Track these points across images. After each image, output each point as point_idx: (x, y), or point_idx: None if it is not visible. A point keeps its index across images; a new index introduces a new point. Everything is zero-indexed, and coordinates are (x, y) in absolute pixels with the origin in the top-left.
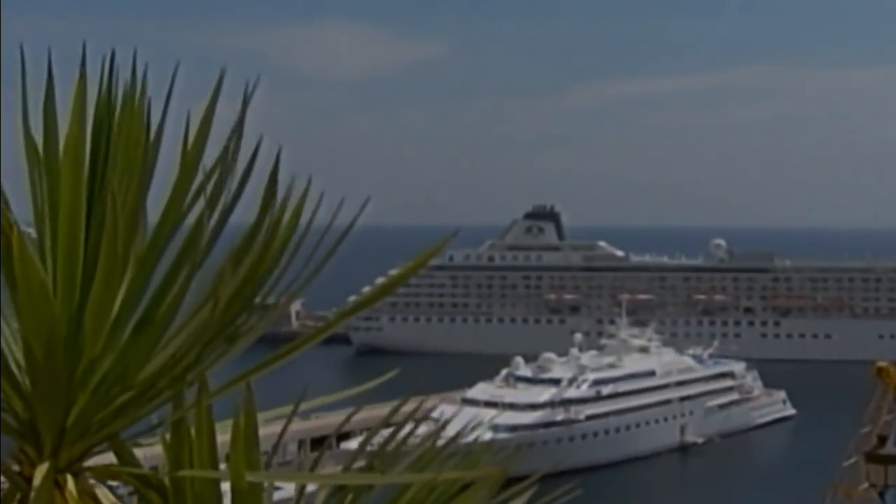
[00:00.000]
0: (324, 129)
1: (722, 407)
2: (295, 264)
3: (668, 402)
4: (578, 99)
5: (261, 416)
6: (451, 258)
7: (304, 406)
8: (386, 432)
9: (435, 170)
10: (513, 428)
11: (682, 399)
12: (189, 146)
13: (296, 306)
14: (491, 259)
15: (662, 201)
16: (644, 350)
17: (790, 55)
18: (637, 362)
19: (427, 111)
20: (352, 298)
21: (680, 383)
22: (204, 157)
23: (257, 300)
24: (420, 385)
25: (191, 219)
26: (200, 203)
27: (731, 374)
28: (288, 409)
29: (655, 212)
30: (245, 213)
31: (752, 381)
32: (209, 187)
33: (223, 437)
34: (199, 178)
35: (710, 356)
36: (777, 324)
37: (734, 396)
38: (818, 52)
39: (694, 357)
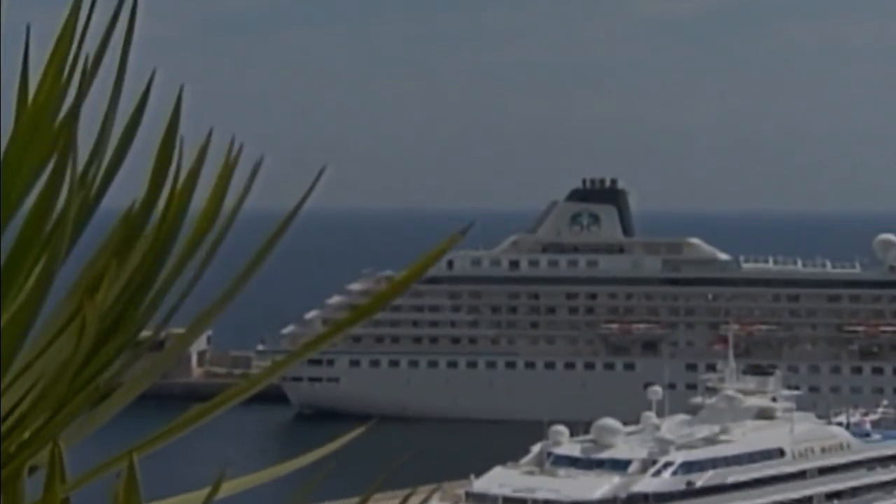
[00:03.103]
0: (246, 55)
1: None
2: (201, 274)
3: (807, 501)
4: (653, 4)
5: None
6: (450, 264)
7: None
8: None
9: (427, 123)
10: None
11: (831, 497)
12: (34, 86)
13: (198, 344)
14: (515, 265)
15: (791, 173)
16: (766, 415)
17: None
18: (754, 435)
19: (409, 27)
20: (288, 330)
21: (826, 470)
22: (62, 105)
23: (143, 333)
24: (401, 470)
25: (35, 203)
26: (57, 180)
27: None
28: None
29: (779, 191)
30: (123, 194)
31: None
32: (68, 152)
33: None
34: (52, 136)
35: (876, 426)
36: None
37: None
38: None
39: (849, 427)
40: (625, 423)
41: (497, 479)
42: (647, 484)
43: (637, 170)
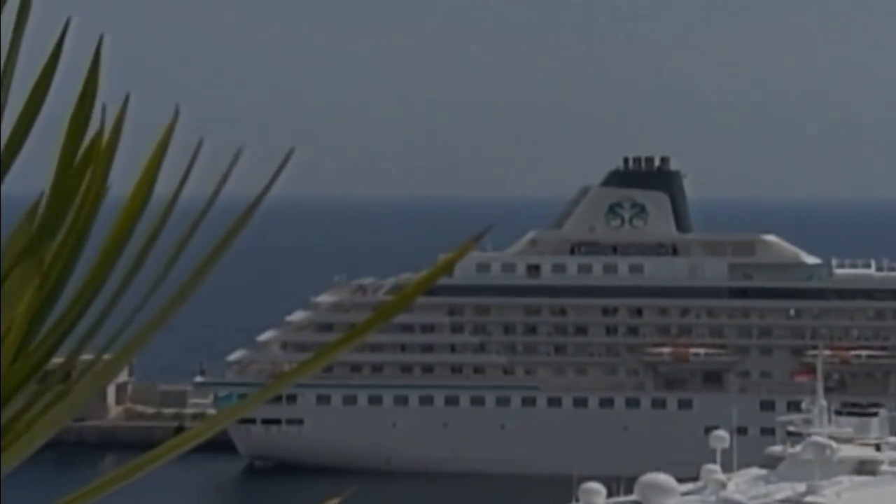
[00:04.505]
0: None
1: None
2: (123, 282)
3: None
4: None
5: None
6: (451, 270)
7: None
8: None
9: (421, 88)
10: None
11: None
12: None
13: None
14: (534, 271)
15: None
16: (867, 469)
17: None
18: (852, 496)
19: None
20: (236, 355)
21: None
22: None
23: (52, 360)
24: None
25: None
26: None
27: None
28: None
29: (882, 174)
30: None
31: None
32: None
33: None
34: None
35: None
36: None
37: None
38: None
39: None
40: (679, 480)
41: None
42: None
43: (692, 146)
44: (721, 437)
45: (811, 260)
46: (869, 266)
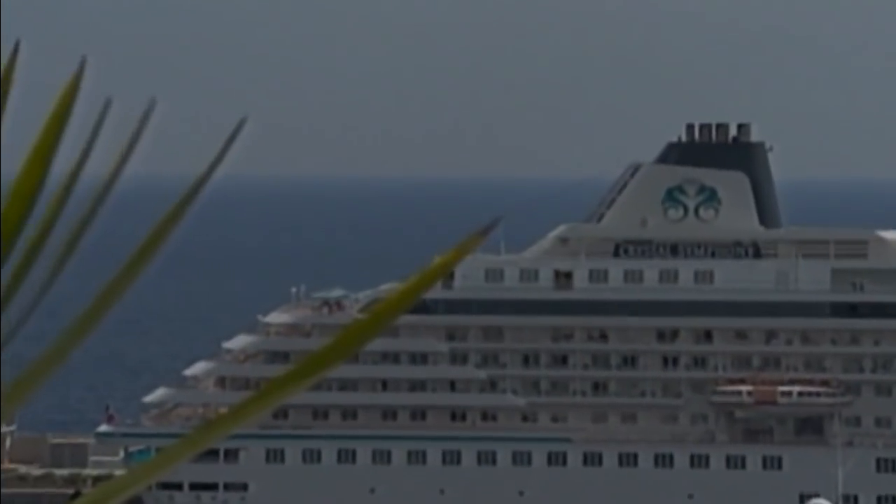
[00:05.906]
0: None
1: None
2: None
3: None
4: None
5: None
6: (449, 278)
7: None
8: None
9: (421, 45)
10: None
11: None
12: None
13: (6, 425)
14: (564, 280)
15: None
16: None
17: None
18: None
19: None
20: (155, 396)
21: None
22: None
23: None
24: None
25: None
26: None
27: None
28: None
29: None
30: None
31: None
32: None
33: None
34: None
35: None
36: None
37: None
38: None
39: None
40: None
41: None
42: None
43: (780, 110)
44: None
45: None
46: None
